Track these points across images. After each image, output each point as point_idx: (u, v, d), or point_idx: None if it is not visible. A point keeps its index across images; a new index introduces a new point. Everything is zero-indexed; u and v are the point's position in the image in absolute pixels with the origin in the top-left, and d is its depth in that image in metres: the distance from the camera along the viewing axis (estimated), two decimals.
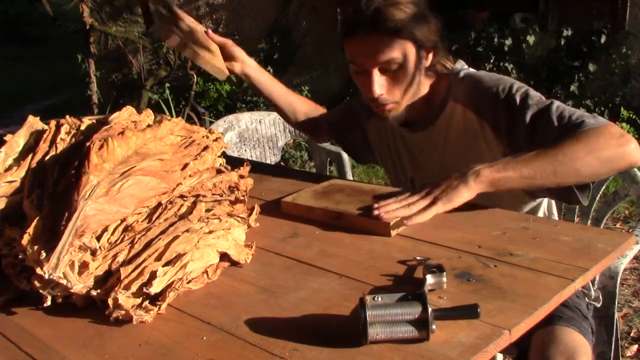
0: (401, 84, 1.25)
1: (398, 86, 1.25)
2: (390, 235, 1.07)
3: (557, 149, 1.07)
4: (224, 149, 1.20)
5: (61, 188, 0.95)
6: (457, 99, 1.30)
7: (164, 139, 1.10)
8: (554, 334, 1.13)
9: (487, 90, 1.25)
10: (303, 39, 5.79)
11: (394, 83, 1.25)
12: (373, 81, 1.23)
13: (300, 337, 0.78)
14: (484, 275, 0.92)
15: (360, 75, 1.27)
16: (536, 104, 1.19)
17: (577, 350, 1.10)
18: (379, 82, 1.23)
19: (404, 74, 1.24)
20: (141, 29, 6.52)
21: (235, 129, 2.37)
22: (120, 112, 1.15)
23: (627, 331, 2.26)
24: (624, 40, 4.51)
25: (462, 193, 1.07)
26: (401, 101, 1.28)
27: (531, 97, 1.20)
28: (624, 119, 4.35)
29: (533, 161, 1.07)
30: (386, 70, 1.23)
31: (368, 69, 1.23)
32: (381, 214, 1.07)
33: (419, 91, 1.30)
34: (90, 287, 0.88)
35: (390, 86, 1.25)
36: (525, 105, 1.19)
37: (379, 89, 1.24)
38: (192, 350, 0.78)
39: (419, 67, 1.26)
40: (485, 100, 1.25)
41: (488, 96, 1.25)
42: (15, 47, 12.45)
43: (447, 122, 1.32)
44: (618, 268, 1.44)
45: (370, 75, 1.23)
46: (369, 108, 1.44)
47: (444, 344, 0.74)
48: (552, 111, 1.16)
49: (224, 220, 1.04)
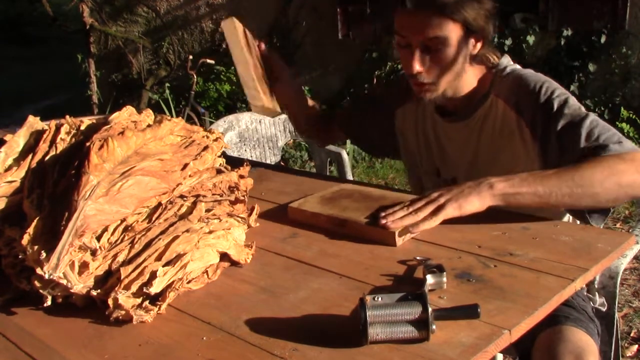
0: (442, 65, 1.24)
1: (438, 67, 1.24)
2: (396, 245, 1.04)
3: (575, 170, 1.06)
4: (224, 149, 1.20)
5: (61, 188, 0.95)
6: (499, 93, 1.29)
7: (164, 139, 1.10)
8: (562, 334, 1.13)
9: (529, 89, 1.24)
10: (303, 39, 5.79)
11: (436, 63, 1.23)
12: (414, 57, 1.22)
13: (300, 337, 0.78)
14: (484, 275, 0.92)
15: (403, 49, 1.25)
16: (571, 114, 1.18)
17: (585, 349, 1.09)
18: (419, 59, 1.22)
19: (447, 55, 1.22)
20: (141, 29, 6.52)
21: (235, 129, 2.37)
22: (120, 112, 1.15)
23: (627, 331, 2.26)
24: (624, 40, 4.51)
25: (473, 201, 1.05)
26: (438, 83, 1.26)
27: (569, 106, 1.19)
28: (624, 119, 4.35)
29: (549, 180, 1.06)
30: (429, 49, 1.22)
31: (412, 44, 1.22)
32: (388, 222, 1.05)
33: (460, 78, 1.29)
34: (90, 287, 0.88)
35: (431, 65, 1.23)
36: (560, 113, 1.19)
37: (419, 66, 1.22)
38: (192, 350, 0.78)
39: (463, 53, 1.24)
40: (526, 98, 1.24)
41: (529, 95, 1.24)
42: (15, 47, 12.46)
43: (484, 116, 1.31)
44: (618, 268, 1.44)
45: (413, 50, 1.22)
46: (405, 92, 1.43)
47: (444, 344, 0.74)
48: (583, 126, 1.15)
49: (224, 220, 1.04)
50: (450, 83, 1.28)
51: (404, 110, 1.50)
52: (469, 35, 1.23)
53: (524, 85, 1.26)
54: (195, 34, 6.33)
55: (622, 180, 1.06)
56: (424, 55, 1.23)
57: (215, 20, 6.17)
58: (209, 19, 6.22)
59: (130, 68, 6.64)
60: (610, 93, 4.61)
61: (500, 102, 1.29)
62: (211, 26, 6.22)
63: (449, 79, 1.26)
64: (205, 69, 5.69)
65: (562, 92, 1.23)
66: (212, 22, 6.20)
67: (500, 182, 1.06)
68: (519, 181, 1.06)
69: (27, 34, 13.17)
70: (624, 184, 1.06)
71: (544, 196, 1.05)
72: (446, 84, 1.27)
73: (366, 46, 5.48)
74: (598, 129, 1.15)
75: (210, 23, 6.21)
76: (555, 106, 1.20)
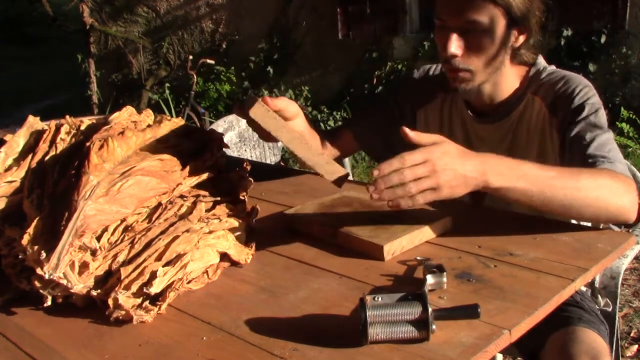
0: (480, 52, 1.19)
1: (476, 53, 1.19)
2: (384, 259, 1.00)
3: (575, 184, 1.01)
4: (223, 149, 1.20)
5: (61, 188, 0.95)
6: (537, 91, 1.26)
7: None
8: (575, 335, 1.12)
9: (568, 90, 1.22)
10: (303, 39, 5.79)
11: (473, 49, 1.18)
12: (450, 39, 1.17)
13: (300, 337, 0.78)
14: (484, 275, 0.92)
15: (441, 33, 1.20)
16: (594, 123, 1.17)
17: (600, 351, 1.08)
18: (456, 42, 1.17)
19: (485, 42, 1.17)
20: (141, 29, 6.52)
21: (235, 129, 2.37)
22: (120, 112, 1.15)
23: (627, 331, 2.26)
24: (624, 40, 4.51)
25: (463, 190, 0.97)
26: (476, 72, 1.21)
27: (596, 115, 1.18)
28: (624, 119, 4.35)
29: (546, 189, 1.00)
30: (468, 33, 1.17)
31: (450, 26, 1.18)
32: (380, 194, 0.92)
33: (499, 72, 1.24)
34: (90, 287, 0.88)
35: (467, 51, 1.19)
36: (584, 118, 1.18)
37: (455, 48, 1.17)
38: (192, 350, 0.78)
39: (504, 43, 1.19)
40: (562, 99, 1.22)
41: (566, 96, 1.22)
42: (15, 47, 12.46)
43: (519, 116, 1.28)
44: (619, 268, 1.44)
45: (450, 33, 1.17)
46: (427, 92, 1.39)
47: (444, 344, 0.74)
48: (599, 137, 1.15)
49: (224, 220, 1.04)
50: (489, 75, 1.23)
51: (426, 111, 1.44)
52: (511, 24, 1.18)
53: (564, 86, 1.23)
54: (195, 34, 6.33)
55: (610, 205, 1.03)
56: (461, 39, 1.18)
57: (215, 20, 6.17)
58: (209, 19, 6.22)
59: (130, 68, 6.64)
60: (610, 93, 4.61)
61: (537, 99, 1.26)
62: (211, 26, 6.22)
63: (487, 69, 1.21)
64: (205, 69, 5.69)
65: (596, 101, 1.21)
66: (212, 22, 6.20)
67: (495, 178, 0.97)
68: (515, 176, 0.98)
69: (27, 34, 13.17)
70: (610, 207, 1.03)
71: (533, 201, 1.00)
72: (484, 74, 1.22)
73: (366, 46, 5.48)
74: (610, 146, 1.15)
75: (210, 23, 6.21)
76: (585, 112, 1.18)
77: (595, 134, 1.16)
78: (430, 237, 1.06)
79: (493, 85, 1.27)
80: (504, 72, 1.26)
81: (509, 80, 1.28)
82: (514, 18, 1.17)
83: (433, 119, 1.43)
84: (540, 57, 1.32)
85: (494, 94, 1.29)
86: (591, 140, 1.15)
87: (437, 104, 1.42)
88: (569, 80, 1.24)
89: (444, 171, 0.93)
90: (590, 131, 1.16)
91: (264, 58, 5.96)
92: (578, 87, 1.22)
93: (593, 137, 1.15)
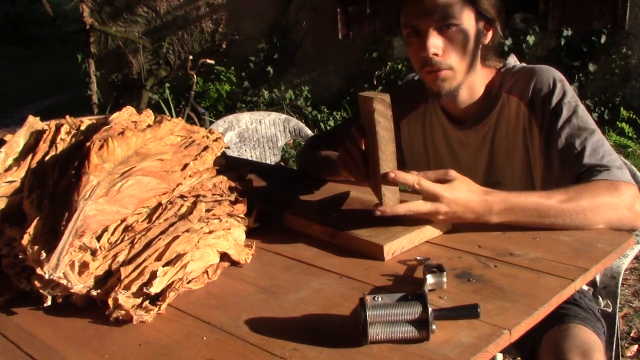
0: (458, 48, 1.20)
1: (454, 50, 1.20)
2: (384, 259, 1.00)
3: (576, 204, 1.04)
4: (224, 149, 1.20)
5: (61, 188, 0.95)
6: (511, 90, 1.27)
7: (164, 139, 1.10)
8: (569, 331, 1.13)
9: (543, 86, 1.23)
10: (303, 39, 5.79)
11: (451, 45, 1.19)
12: (428, 38, 1.17)
13: (300, 337, 0.78)
14: (484, 275, 0.92)
15: (414, 41, 1.21)
16: (578, 125, 1.17)
17: (592, 347, 1.09)
18: (434, 41, 1.17)
19: (461, 38, 1.19)
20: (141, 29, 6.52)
21: (235, 129, 2.37)
22: (120, 112, 1.15)
23: (627, 331, 2.26)
24: (624, 40, 4.52)
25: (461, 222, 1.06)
26: (457, 68, 1.21)
27: (577, 116, 1.18)
28: (624, 119, 4.35)
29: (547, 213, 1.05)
30: (443, 31, 1.18)
31: (423, 29, 1.18)
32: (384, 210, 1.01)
33: (474, 71, 1.25)
34: (90, 287, 0.88)
35: (446, 48, 1.19)
36: (568, 121, 1.18)
37: (434, 48, 1.18)
38: (192, 350, 0.78)
39: (477, 37, 1.21)
40: (540, 96, 1.22)
41: (542, 93, 1.22)
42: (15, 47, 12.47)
43: (498, 116, 1.28)
44: (620, 268, 1.43)
45: (425, 35, 1.17)
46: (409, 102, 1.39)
47: (444, 344, 0.74)
48: (589, 141, 1.15)
49: (224, 220, 1.04)
50: (467, 74, 1.24)
51: (409, 120, 1.45)
52: (479, 20, 1.21)
53: (538, 83, 1.23)
54: (195, 34, 6.33)
55: (612, 218, 1.05)
56: (438, 37, 1.18)
57: (215, 20, 6.18)
58: (209, 19, 6.22)
59: (130, 68, 6.64)
60: (610, 93, 4.62)
61: (513, 98, 1.27)
62: (211, 26, 6.22)
63: (465, 65, 1.22)
64: (205, 69, 5.69)
65: (572, 97, 1.22)
66: (212, 22, 6.20)
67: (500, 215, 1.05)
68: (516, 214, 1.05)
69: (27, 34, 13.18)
70: (613, 220, 1.06)
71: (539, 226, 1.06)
72: (463, 72, 1.23)
73: (366, 46, 5.48)
74: (603, 148, 1.15)
75: (210, 23, 6.22)
76: (565, 113, 1.19)
77: (583, 138, 1.16)
78: (430, 237, 1.06)
79: (468, 89, 1.28)
80: (477, 74, 1.27)
81: (481, 84, 1.30)
82: (481, 12, 1.20)
83: (416, 129, 1.45)
84: (512, 57, 1.33)
85: (469, 98, 1.30)
86: (582, 147, 1.15)
87: (419, 113, 1.43)
88: (541, 74, 1.24)
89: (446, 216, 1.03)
90: (578, 136, 1.17)
91: (264, 58, 5.96)
92: (552, 83, 1.23)
93: (583, 143, 1.15)
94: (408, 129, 1.46)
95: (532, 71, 1.26)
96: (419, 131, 1.44)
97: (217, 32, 6.18)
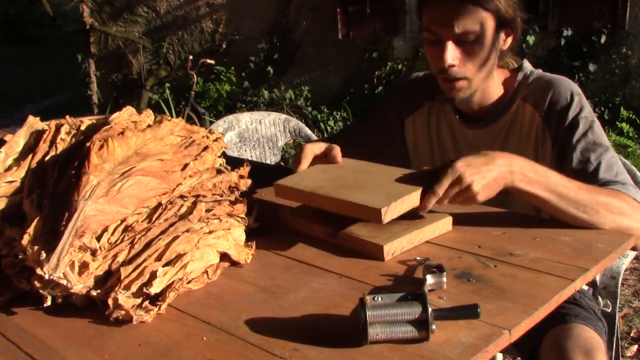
0: (475, 58, 1.19)
1: (472, 61, 1.20)
2: (384, 260, 1.00)
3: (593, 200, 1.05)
4: (224, 149, 1.20)
5: (61, 188, 0.95)
6: (526, 98, 1.26)
7: (164, 139, 1.10)
8: (571, 330, 1.13)
9: (560, 98, 1.22)
10: (303, 39, 5.79)
11: (468, 57, 1.19)
12: (446, 49, 1.17)
13: (300, 337, 0.78)
14: (484, 275, 0.92)
15: (432, 45, 1.21)
16: (594, 141, 1.18)
17: (594, 346, 1.09)
18: (452, 52, 1.18)
19: (479, 48, 1.18)
20: (141, 29, 6.53)
21: (235, 129, 2.37)
22: (120, 112, 1.15)
23: (627, 331, 2.26)
24: (624, 40, 4.52)
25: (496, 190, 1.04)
26: (473, 78, 1.22)
27: (593, 131, 1.19)
28: (624, 119, 4.36)
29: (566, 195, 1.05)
30: (462, 42, 1.18)
31: (443, 38, 1.18)
32: None
33: (490, 77, 1.25)
34: (90, 287, 0.88)
35: (463, 59, 1.19)
36: (584, 136, 1.18)
37: (452, 59, 1.18)
38: (192, 350, 0.78)
39: (495, 46, 1.21)
40: (556, 108, 1.22)
41: (559, 105, 1.22)
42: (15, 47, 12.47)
43: (511, 122, 1.28)
44: (620, 268, 1.43)
45: (444, 44, 1.17)
46: (414, 100, 1.39)
47: (444, 344, 0.74)
48: (603, 157, 1.16)
49: (224, 221, 1.04)
50: (483, 81, 1.24)
51: (414, 119, 1.45)
52: (500, 27, 1.20)
53: (555, 95, 1.23)
54: (195, 34, 6.33)
55: (622, 224, 1.06)
56: (457, 48, 1.18)
57: (215, 20, 6.18)
58: (209, 19, 6.22)
59: (130, 68, 6.64)
60: (610, 93, 4.62)
61: (528, 107, 1.26)
62: (211, 26, 6.22)
63: (482, 75, 1.22)
64: (205, 69, 5.69)
65: (589, 112, 1.22)
66: (212, 22, 6.20)
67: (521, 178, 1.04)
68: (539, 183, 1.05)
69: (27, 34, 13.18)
70: (622, 227, 1.06)
71: (551, 207, 1.06)
72: (479, 81, 1.23)
73: (366, 46, 5.48)
74: (617, 166, 1.16)
75: (210, 23, 6.22)
76: (581, 127, 1.19)
77: (598, 153, 1.17)
78: (430, 237, 1.06)
79: (482, 92, 1.28)
80: (492, 79, 1.27)
81: (495, 86, 1.29)
82: (501, 20, 1.19)
83: (421, 126, 1.44)
84: (526, 62, 1.33)
85: (483, 99, 1.29)
86: (597, 162, 1.16)
87: (424, 111, 1.43)
88: (559, 86, 1.24)
89: (473, 182, 1.01)
90: (594, 151, 1.17)
91: (264, 58, 5.96)
92: (569, 96, 1.23)
93: (598, 159, 1.16)
94: (413, 128, 1.46)
95: (549, 82, 1.26)
96: (424, 130, 1.43)
97: (217, 32, 6.18)
